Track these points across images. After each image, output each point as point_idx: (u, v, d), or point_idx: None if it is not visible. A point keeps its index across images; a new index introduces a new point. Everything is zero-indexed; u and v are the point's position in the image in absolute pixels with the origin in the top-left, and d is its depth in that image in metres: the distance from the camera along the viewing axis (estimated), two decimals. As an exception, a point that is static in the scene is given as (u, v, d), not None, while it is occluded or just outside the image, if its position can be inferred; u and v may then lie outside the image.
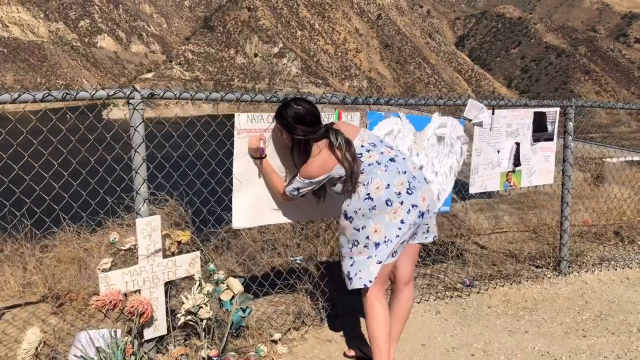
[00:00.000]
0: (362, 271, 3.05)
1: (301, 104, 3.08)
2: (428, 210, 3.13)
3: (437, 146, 3.96)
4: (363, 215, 3.01)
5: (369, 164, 3.05)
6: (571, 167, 4.82)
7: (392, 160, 3.08)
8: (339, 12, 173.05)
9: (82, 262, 4.45)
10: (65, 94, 2.71)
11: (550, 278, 4.89)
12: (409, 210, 3.02)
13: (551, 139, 4.62)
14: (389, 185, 3.01)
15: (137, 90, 2.93)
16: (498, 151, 4.37)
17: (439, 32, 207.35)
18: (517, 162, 4.50)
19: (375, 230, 3.00)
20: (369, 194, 3.01)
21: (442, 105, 4.11)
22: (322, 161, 3.07)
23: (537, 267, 5.11)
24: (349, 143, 3.07)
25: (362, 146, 3.11)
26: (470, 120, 4.12)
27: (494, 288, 4.65)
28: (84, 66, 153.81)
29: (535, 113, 4.49)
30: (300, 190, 3.19)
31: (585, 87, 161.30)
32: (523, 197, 7.53)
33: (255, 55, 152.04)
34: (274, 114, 3.31)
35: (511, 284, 4.74)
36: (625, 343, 3.81)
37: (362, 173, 3.04)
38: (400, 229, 3.01)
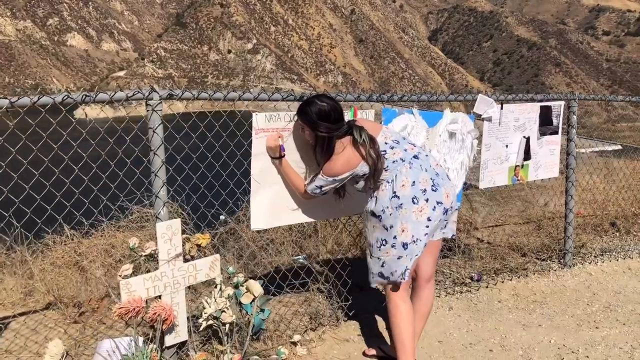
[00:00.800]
0: (396, 269, 3.03)
1: (325, 101, 3.04)
2: (451, 207, 3.13)
3: (449, 142, 3.96)
4: (391, 214, 2.98)
5: (393, 161, 3.02)
6: (575, 160, 4.86)
7: (415, 157, 3.07)
8: (312, 7, 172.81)
9: (80, 268, 4.35)
10: (84, 96, 2.62)
11: (556, 270, 4.93)
12: (434, 207, 3.02)
13: (556, 133, 4.65)
14: (414, 182, 2.99)
15: (155, 91, 2.85)
16: (506, 146, 4.38)
17: (412, 26, 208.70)
18: (527, 156, 4.51)
19: (403, 230, 2.98)
20: (395, 192, 2.99)
21: (453, 101, 4.10)
22: (346, 158, 3.03)
23: (542, 260, 5.15)
24: (372, 140, 3.04)
25: (385, 143, 3.08)
26: (479, 116, 4.12)
27: (502, 282, 4.67)
28: (54, 65, 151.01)
29: (541, 107, 4.51)
30: (323, 189, 3.15)
31: (557, 79, 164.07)
32: (495, 190, 7.59)
33: (229, 51, 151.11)
34: (292, 112, 3.27)
35: (518, 277, 4.77)
36: (638, 333, 3.85)
37: (386, 170, 3.02)
38: (427, 226, 2.99)
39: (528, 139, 4.44)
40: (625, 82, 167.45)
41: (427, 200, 2.99)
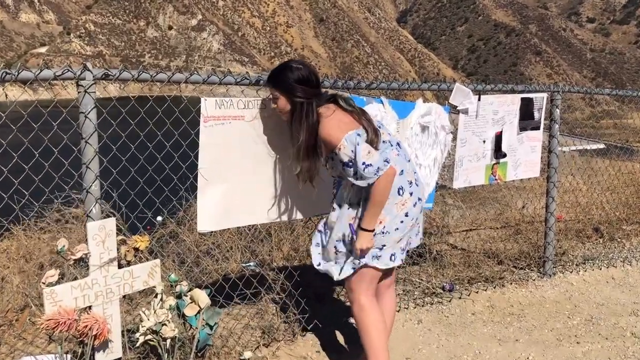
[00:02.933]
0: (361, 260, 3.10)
1: (300, 64, 3.06)
2: (422, 208, 3.21)
3: (421, 136, 4.03)
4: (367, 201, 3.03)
5: (383, 141, 3.02)
6: (557, 159, 5.01)
7: (399, 145, 3.13)
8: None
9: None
10: (4, 74, 2.56)
11: (535, 280, 5.08)
12: (415, 203, 3.11)
13: (538, 128, 4.78)
14: (402, 171, 3.05)
15: (88, 70, 2.80)
16: (484, 141, 4.48)
17: (379, 6, 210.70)
18: (498, 153, 4.61)
19: (380, 222, 3.03)
20: None
21: (426, 90, 4.17)
22: (339, 120, 2.99)
23: (519, 268, 5.29)
24: (362, 110, 3.08)
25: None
26: (455, 107, 4.20)
27: (477, 292, 4.78)
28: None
29: (522, 99, 4.63)
30: (372, 153, 2.93)
31: (537, 70, 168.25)
32: (470, 190, 7.75)
33: (170, 27, 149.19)
34: (246, 98, 3.27)
35: (494, 287, 4.88)
36: (621, 349, 4.00)
37: (377, 150, 2.97)
38: (402, 222, 3.06)
39: (500, 134, 4.54)
40: (610, 75, 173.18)
41: (411, 194, 3.07)
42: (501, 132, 4.58)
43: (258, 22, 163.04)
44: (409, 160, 3.14)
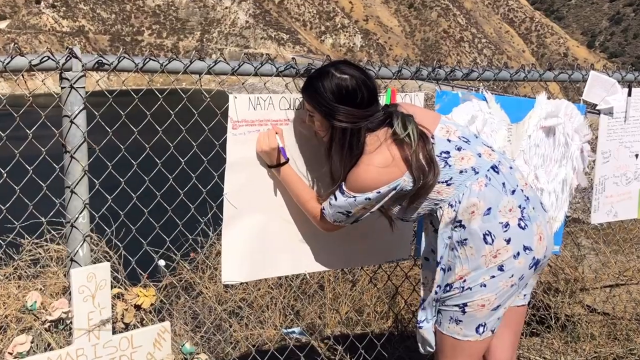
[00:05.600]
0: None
1: (348, 72, 3.06)
2: (545, 257, 3.20)
3: (543, 147, 4.01)
4: (452, 250, 3.09)
5: (461, 171, 3.07)
6: None
7: (495, 169, 3.13)
8: None
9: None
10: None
11: None
12: (518, 253, 3.07)
13: None
14: (489, 210, 3.05)
15: (76, 57, 2.90)
16: (636, 155, 4.44)
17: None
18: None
19: (463, 279, 3.07)
20: (460, 220, 3.06)
21: (550, 81, 4.18)
22: (384, 161, 3.04)
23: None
24: (423, 137, 3.06)
25: (448, 140, 3.13)
26: (594, 107, 4.19)
27: (627, 379, 4.72)
28: None
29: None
30: (350, 213, 3.16)
31: None
32: (616, 227, 7.62)
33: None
34: (293, 96, 3.33)
35: (653, 370, 4.81)
36: None
37: (449, 185, 3.05)
38: (493, 277, 3.06)
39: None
40: None
41: (508, 241, 3.05)
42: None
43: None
44: (513, 191, 3.11)
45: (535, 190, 3.38)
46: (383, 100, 3.51)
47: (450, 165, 3.06)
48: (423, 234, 3.37)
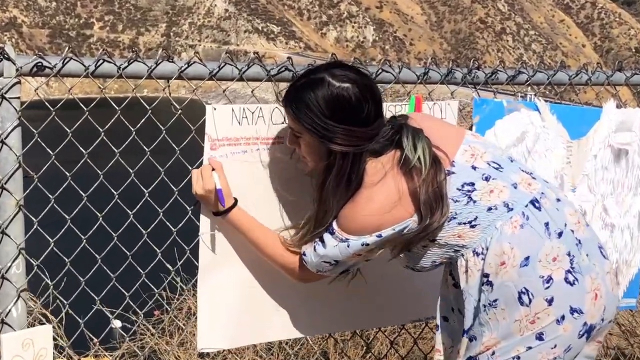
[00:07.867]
0: None
1: (348, 78, 3.05)
2: (603, 320, 3.20)
3: (613, 171, 4.07)
4: (480, 312, 3.11)
5: (489, 208, 3.08)
6: None
7: (535, 203, 3.13)
8: None
9: None
10: None
11: None
12: (563, 317, 3.07)
13: None
14: (527, 259, 3.05)
15: (8, 59, 2.95)
16: None
17: None
18: None
19: (491, 351, 3.11)
20: (487, 274, 3.08)
21: (619, 85, 4.24)
22: (390, 196, 3.04)
23: None
24: (436, 163, 3.05)
25: (473, 167, 3.15)
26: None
27: None
28: None
29: None
30: (340, 262, 3.17)
31: None
32: None
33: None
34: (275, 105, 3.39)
35: None
36: None
37: (473, 227, 3.07)
38: (529, 348, 3.08)
39: None
40: None
41: (550, 302, 3.05)
42: None
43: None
44: (560, 233, 3.09)
45: (593, 229, 3.37)
46: (405, 109, 3.57)
47: (475, 201, 3.07)
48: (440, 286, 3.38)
